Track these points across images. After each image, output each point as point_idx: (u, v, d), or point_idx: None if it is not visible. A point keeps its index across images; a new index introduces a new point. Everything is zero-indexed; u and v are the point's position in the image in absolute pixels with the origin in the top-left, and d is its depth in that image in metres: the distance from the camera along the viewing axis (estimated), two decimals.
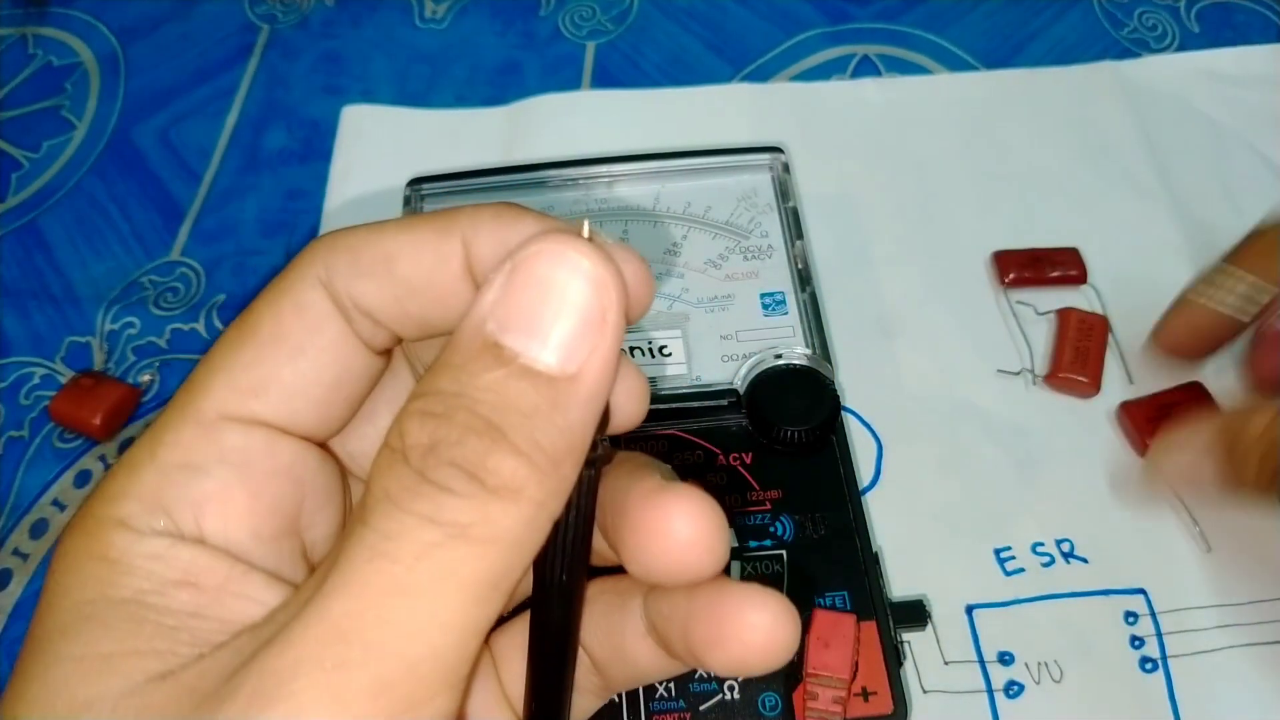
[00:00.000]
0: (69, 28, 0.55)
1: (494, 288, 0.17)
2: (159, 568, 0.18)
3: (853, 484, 0.35)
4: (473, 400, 0.16)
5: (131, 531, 0.18)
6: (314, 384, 0.19)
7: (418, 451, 0.16)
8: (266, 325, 0.19)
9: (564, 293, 0.17)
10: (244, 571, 0.18)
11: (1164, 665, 0.33)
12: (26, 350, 0.44)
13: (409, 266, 0.19)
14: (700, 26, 0.52)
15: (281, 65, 0.53)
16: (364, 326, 0.20)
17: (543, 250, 0.17)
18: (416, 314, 0.20)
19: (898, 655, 0.32)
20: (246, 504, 0.19)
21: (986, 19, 0.51)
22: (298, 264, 0.20)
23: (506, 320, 0.17)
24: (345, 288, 0.19)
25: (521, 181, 0.43)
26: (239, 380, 0.19)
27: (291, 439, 0.19)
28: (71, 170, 0.50)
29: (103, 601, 0.17)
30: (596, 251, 0.17)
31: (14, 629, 0.37)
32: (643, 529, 0.19)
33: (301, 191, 0.48)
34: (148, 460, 0.19)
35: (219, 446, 0.19)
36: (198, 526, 0.18)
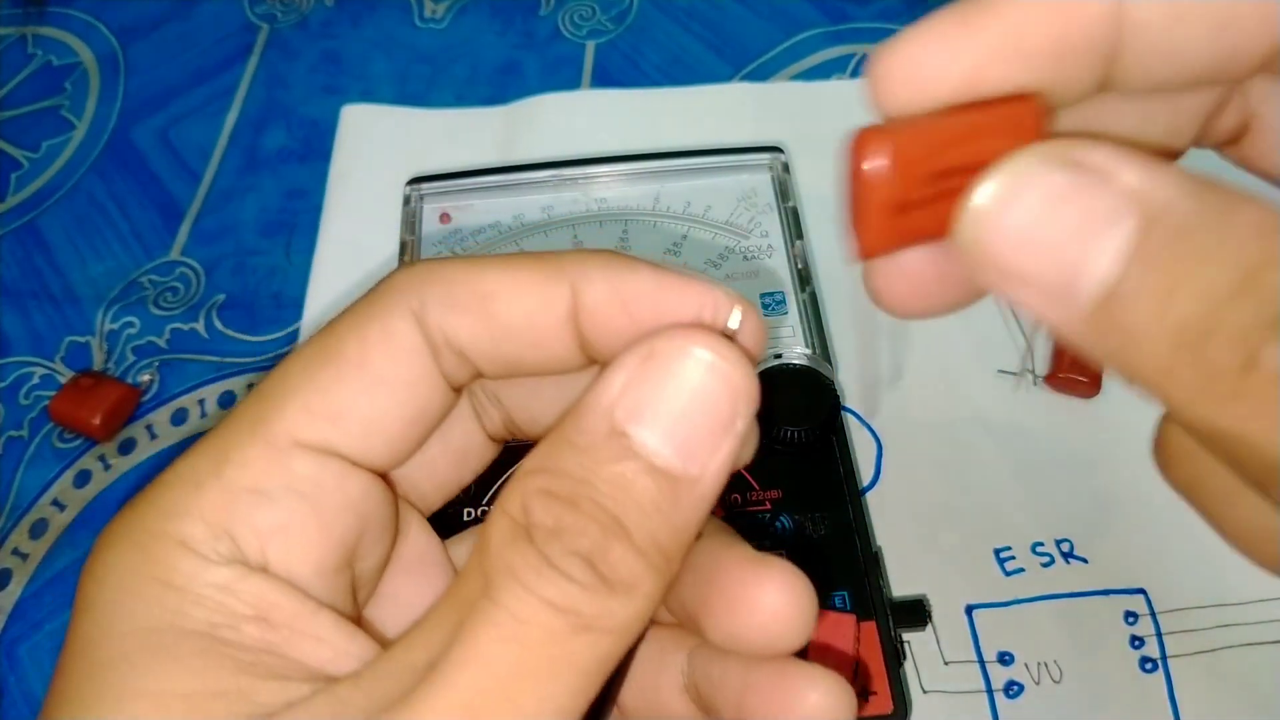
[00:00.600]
0: (69, 28, 0.55)
1: (624, 371, 0.17)
2: (229, 600, 0.17)
3: (853, 484, 0.35)
4: (597, 490, 0.16)
5: (195, 556, 0.17)
6: (392, 417, 0.19)
7: (541, 533, 0.16)
8: (351, 350, 0.18)
9: (699, 395, 0.17)
10: (313, 610, 0.18)
11: (1164, 665, 0.33)
12: (26, 350, 0.44)
13: (510, 307, 0.19)
14: (700, 26, 0.52)
15: (281, 65, 0.53)
16: (449, 362, 0.19)
17: (684, 347, 0.17)
18: (510, 355, 0.19)
19: (898, 655, 0.32)
20: (314, 537, 0.18)
21: None
22: (389, 290, 0.19)
23: (636, 411, 0.17)
24: (439, 321, 0.19)
25: (521, 181, 0.43)
26: (316, 405, 0.18)
27: (360, 471, 0.19)
28: (71, 170, 0.50)
29: (172, 632, 0.16)
30: (737, 355, 0.17)
31: (13, 629, 0.37)
32: (734, 599, 0.19)
33: (301, 191, 0.48)
34: (212, 477, 0.18)
35: (289, 473, 0.18)
36: (263, 555, 0.18)
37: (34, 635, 0.37)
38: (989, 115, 0.16)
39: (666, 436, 0.17)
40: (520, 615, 0.16)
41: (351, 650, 0.18)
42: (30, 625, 0.37)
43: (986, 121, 0.16)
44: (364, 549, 0.19)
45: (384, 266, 0.42)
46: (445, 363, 0.19)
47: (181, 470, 0.18)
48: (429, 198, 0.43)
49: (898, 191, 0.16)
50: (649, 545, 0.16)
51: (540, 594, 0.16)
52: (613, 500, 0.16)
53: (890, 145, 0.15)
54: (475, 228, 0.42)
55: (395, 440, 0.19)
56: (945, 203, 0.15)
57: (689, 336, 0.17)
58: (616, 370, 0.17)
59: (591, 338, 0.19)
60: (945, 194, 0.15)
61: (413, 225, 0.42)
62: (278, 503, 0.18)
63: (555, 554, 0.16)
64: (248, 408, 0.18)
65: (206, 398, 0.42)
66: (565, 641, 0.16)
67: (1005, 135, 0.15)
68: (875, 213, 0.16)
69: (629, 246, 0.41)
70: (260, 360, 0.43)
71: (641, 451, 0.17)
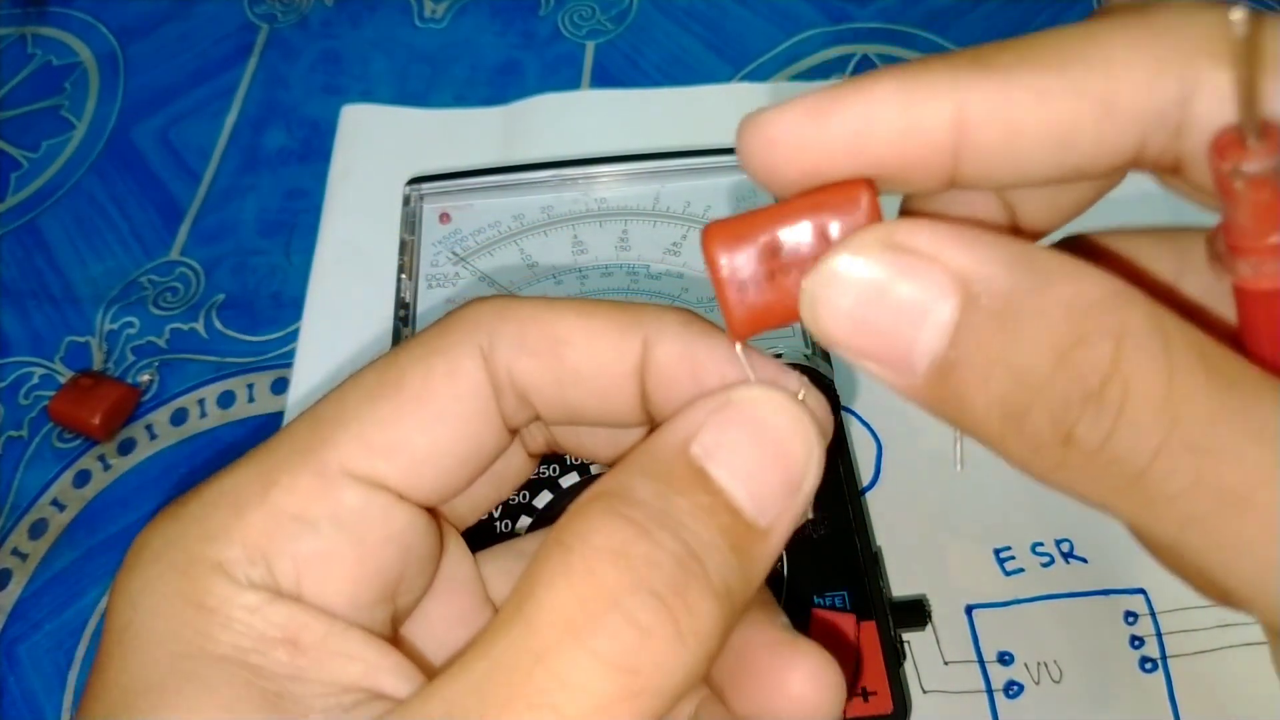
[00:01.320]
0: (68, 28, 0.55)
1: (702, 411, 0.17)
2: (258, 623, 0.16)
3: (853, 484, 0.35)
4: (677, 522, 0.16)
5: (230, 579, 0.17)
6: (446, 454, 0.18)
7: (604, 558, 0.15)
8: (413, 383, 0.18)
9: (778, 445, 0.17)
10: (343, 628, 0.17)
11: (1164, 665, 0.33)
12: (26, 350, 0.44)
13: (581, 353, 0.18)
14: (700, 26, 0.52)
15: (281, 65, 0.53)
16: (510, 403, 0.19)
17: (768, 398, 0.17)
18: (573, 402, 0.19)
19: (898, 655, 0.32)
20: (352, 569, 0.17)
21: (986, 19, 0.51)
22: (460, 324, 0.19)
23: (715, 450, 0.17)
24: (508, 362, 0.18)
25: (521, 181, 0.43)
26: (372, 437, 0.18)
27: (407, 505, 0.18)
28: (71, 170, 0.50)
29: (202, 658, 0.16)
30: (814, 420, 0.17)
31: (13, 629, 0.37)
32: (761, 679, 0.19)
33: (301, 191, 0.48)
34: (257, 501, 0.17)
35: (336, 504, 0.17)
36: (297, 584, 0.17)
37: (34, 635, 0.37)
38: (823, 198, 0.17)
39: (744, 481, 0.16)
40: (565, 678, 0.14)
41: (385, 665, 0.17)
42: (30, 625, 0.37)
43: (820, 204, 0.17)
44: (407, 583, 0.19)
45: (384, 266, 0.42)
46: (506, 404, 0.19)
47: (226, 488, 0.18)
48: (429, 198, 0.43)
49: (739, 272, 0.17)
50: (724, 590, 0.16)
51: (593, 648, 0.15)
52: (692, 533, 0.16)
53: (728, 232, 0.17)
54: (475, 228, 0.42)
55: (446, 476, 0.19)
56: (795, 277, 0.17)
57: (771, 390, 0.17)
58: (694, 410, 0.17)
59: (654, 395, 0.19)
60: (786, 270, 0.17)
61: (413, 225, 0.42)
62: (319, 532, 0.17)
63: (620, 586, 0.15)
64: (300, 431, 0.18)
65: (206, 398, 0.42)
66: (611, 711, 0.14)
67: (837, 216, 0.17)
68: (726, 291, 0.17)
69: (629, 246, 0.41)
70: (260, 360, 0.43)
71: (721, 490, 0.16)
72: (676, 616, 0.15)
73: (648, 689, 0.15)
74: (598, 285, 0.40)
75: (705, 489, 0.16)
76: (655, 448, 0.17)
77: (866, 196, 0.16)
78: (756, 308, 0.17)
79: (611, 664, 0.14)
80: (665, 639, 0.15)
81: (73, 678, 0.36)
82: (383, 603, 0.18)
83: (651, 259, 0.41)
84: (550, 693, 0.14)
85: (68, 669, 0.36)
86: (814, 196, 0.17)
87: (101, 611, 0.37)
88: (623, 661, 0.14)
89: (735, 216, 0.17)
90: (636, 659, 0.15)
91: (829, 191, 0.17)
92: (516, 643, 0.15)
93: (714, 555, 0.16)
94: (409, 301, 0.40)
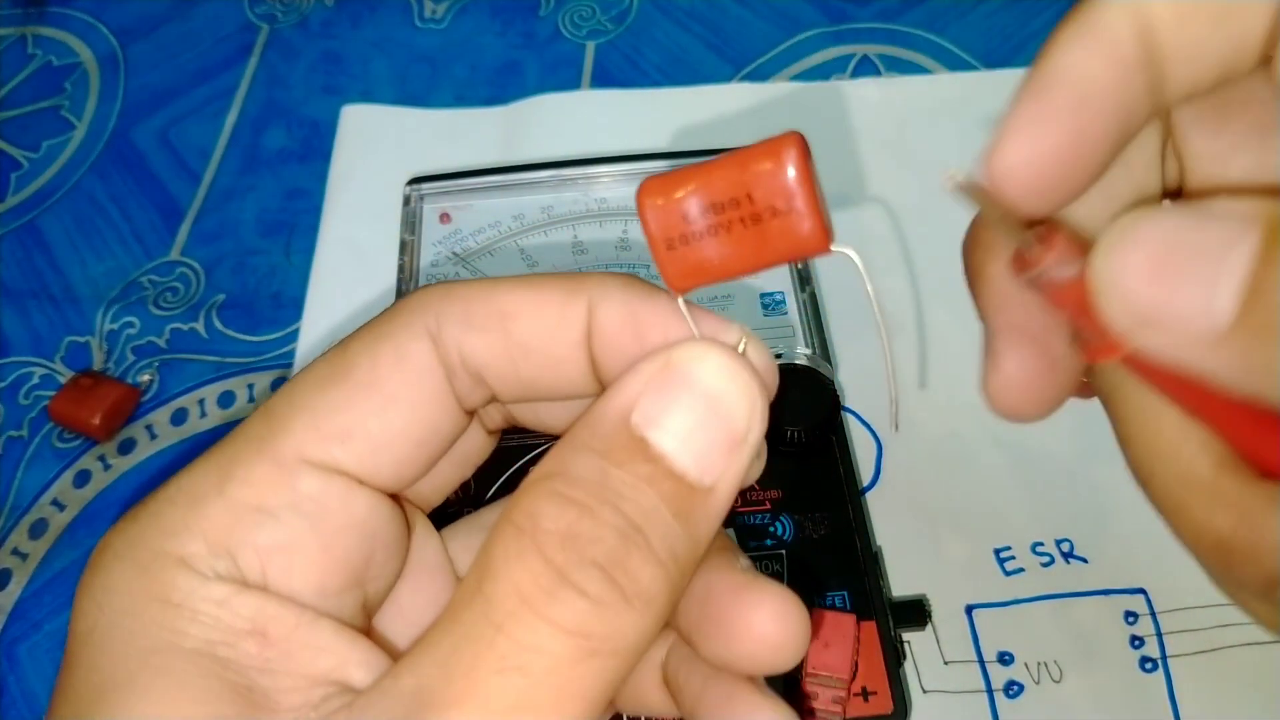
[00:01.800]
0: (69, 28, 0.55)
1: (640, 377, 0.17)
2: (225, 615, 0.16)
3: (853, 484, 0.35)
4: (617, 495, 0.16)
5: (194, 573, 0.17)
6: (401, 438, 0.18)
7: (553, 540, 0.16)
8: (362, 369, 0.18)
9: (717, 401, 0.17)
10: (312, 619, 0.17)
11: (1164, 665, 0.33)
12: (26, 350, 0.44)
13: (528, 325, 0.19)
14: (700, 26, 0.52)
15: (281, 65, 0.53)
16: (463, 383, 0.19)
17: (703, 354, 0.17)
18: (526, 376, 0.19)
19: (898, 655, 0.32)
20: (316, 557, 0.18)
21: (986, 19, 0.51)
22: (405, 309, 0.19)
23: (654, 416, 0.17)
24: (456, 341, 0.19)
25: (521, 181, 0.43)
26: (324, 424, 0.18)
27: (367, 491, 0.18)
28: (71, 170, 0.50)
29: (171, 652, 0.16)
30: (753, 371, 0.17)
31: (13, 629, 0.37)
32: (726, 622, 0.19)
33: (301, 191, 0.48)
34: (215, 495, 0.17)
35: (294, 492, 0.17)
36: (262, 574, 0.17)
37: (34, 635, 0.37)
38: (753, 151, 0.17)
39: (684, 443, 0.17)
40: (525, 642, 0.15)
41: (354, 656, 0.17)
42: (30, 625, 0.37)
43: (750, 157, 0.17)
44: (374, 569, 0.19)
45: (384, 266, 0.42)
46: (459, 384, 0.19)
47: (184, 485, 0.18)
48: (429, 198, 0.43)
49: (674, 225, 0.17)
50: (668, 557, 0.16)
51: (549, 617, 0.15)
52: (634, 507, 0.16)
53: (661, 186, 0.17)
54: (475, 228, 0.42)
55: (404, 461, 0.19)
56: (720, 237, 0.17)
57: (707, 347, 0.17)
58: (632, 377, 0.17)
59: (602, 360, 0.19)
60: (717, 228, 0.17)
61: (413, 225, 0.42)
62: (280, 521, 0.17)
63: (570, 565, 0.15)
64: (254, 424, 0.18)
65: (206, 398, 0.42)
66: (573, 668, 0.15)
67: (765, 159, 0.17)
68: (657, 245, 0.17)
69: (629, 246, 0.41)
70: (260, 360, 0.43)
71: (661, 456, 0.17)
72: (621, 584, 0.16)
73: (602, 650, 0.15)
74: None
75: (645, 457, 0.17)
76: (596, 420, 0.17)
77: (792, 146, 0.17)
78: (690, 261, 0.17)
79: (566, 629, 0.15)
80: (613, 605, 0.16)
81: None
82: (350, 590, 0.18)
83: (651, 259, 0.40)
84: (513, 656, 0.15)
85: None
86: (744, 151, 0.17)
87: None
88: (576, 627, 0.15)
89: (669, 172, 0.17)
90: (588, 625, 0.15)
91: (759, 146, 0.17)
92: (478, 618, 0.16)
93: (655, 523, 0.16)
94: None
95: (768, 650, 0.19)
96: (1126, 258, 0.15)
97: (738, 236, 0.17)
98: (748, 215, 0.17)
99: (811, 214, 0.17)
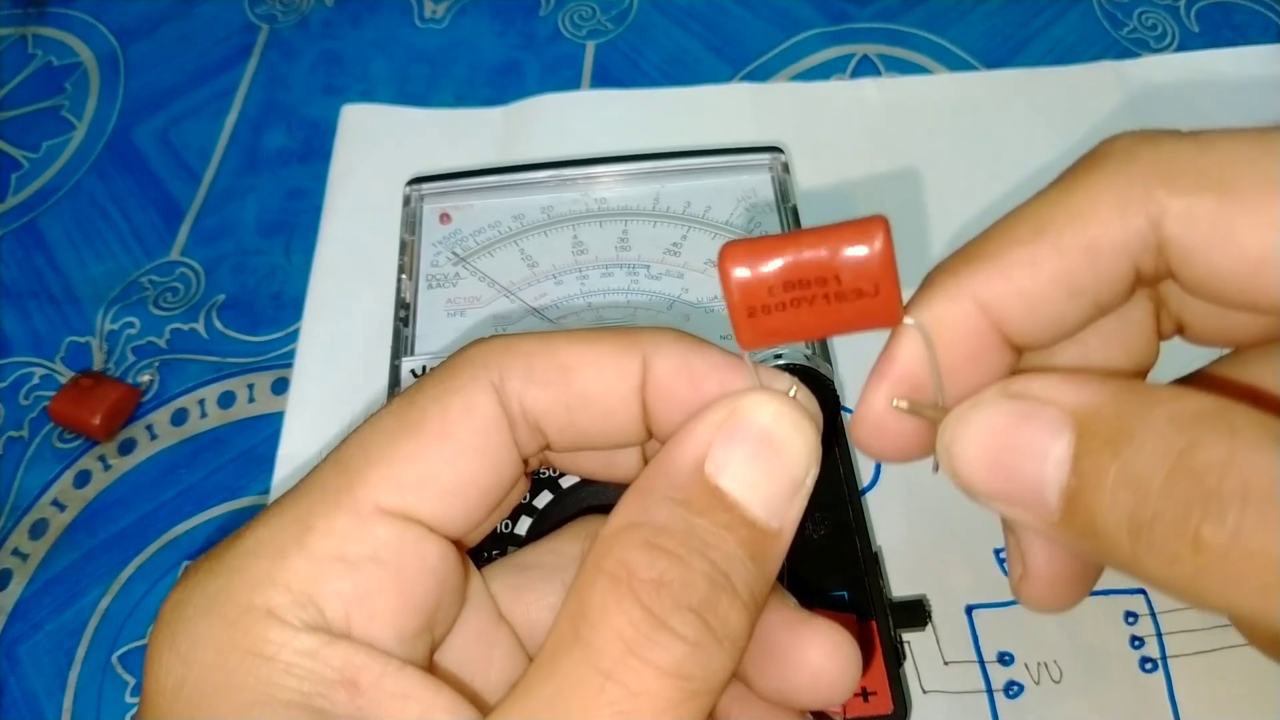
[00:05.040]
0: (69, 28, 0.56)
1: (709, 426, 0.18)
2: (317, 666, 0.17)
3: (853, 484, 0.35)
4: (704, 544, 0.17)
5: (283, 625, 0.17)
6: (471, 486, 0.19)
7: (648, 588, 0.17)
8: (433, 421, 0.19)
9: (781, 450, 0.18)
10: (397, 668, 0.18)
11: (1164, 665, 0.33)
12: (26, 350, 0.44)
13: (588, 377, 0.20)
14: (700, 26, 0.52)
15: (281, 65, 0.53)
16: (523, 434, 0.20)
17: (767, 405, 0.18)
18: (581, 425, 0.20)
19: (898, 655, 0.32)
20: (395, 604, 0.18)
21: (986, 19, 0.51)
22: (469, 363, 0.20)
23: (725, 464, 0.18)
24: (519, 394, 0.19)
25: (521, 181, 0.43)
26: (400, 474, 0.18)
27: (438, 538, 0.19)
28: (71, 170, 0.50)
29: (270, 705, 0.17)
30: (813, 419, 0.19)
31: (13, 629, 0.37)
32: (782, 658, 0.20)
33: (301, 191, 0.48)
34: (296, 547, 0.18)
35: (373, 541, 0.18)
36: (347, 623, 0.18)
37: (34, 635, 0.37)
38: (841, 230, 0.18)
39: (753, 489, 0.18)
40: (633, 688, 0.16)
41: (439, 703, 0.18)
42: (30, 625, 0.37)
43: (837, 235, 0.18)
44: (440, 614, 0.20)
45: (384, 266, 0.42)
46: (519, 435, 0.20)
47: (263, 538, 0.18)
48: (429, 198, 0.43)
49: (757, 297, 0.18)
50: (749, 597, 0.17)
51: (653, 661, 0.16)
52: (717, 552, 0.17)
53: (741, 254, 0.18)
54: (475, 228, 0.42)
55: (471, 507, 0.19)
56: (801, 308, 0.18)
57: (769, 396, 0.18)
58: (700, 426, 0.18)
59: (656, 408, 0.20)
60: (798, 301, 0.18)
61: (413, 225, 0.42)
62: (361, 570, 0.18)
63: (666, 610, 0.16)
64: (327, 475, 0.19)
65: (206, 398, 0.42)
66: (677, 710, 0.16)
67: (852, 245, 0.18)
68: (739, 312, 0.18)
69: (629, 246, 0.41)
70: (260, 360, 0.43)
71: (735, 504, 0.18)
72: (713, 626, 0.17)
73: (701, 690, 0.16)
74: (598, 285, 0.40)
75: (723, 506, 0.18)
76: (671, 470, 0.18)
77: (881, 232, 0.17)
78: (766, 327, 0.18)
79: (668, 673, 0.16)
80: (707, 646, 0.17)
81: (73, 678, 0.36)
82: (423, 635, 0.19)
83: (651, 259, 0.41)
84: (623, 701, 0.16)
85: (68, 669, 0.36)
86: (832, 228, 0.18)
87: (102, 612, 0.37)
88: (677, 670, 0.16)
89: (754, 240, 0.18)
90: (688, 667, 0.16)
91: (847, 225, 0.18)
92: (580, 664, 0.16)
93: (737, 567, 0.17)
94: (409, 301, 0.40)
95: (822, 684, 0.20)
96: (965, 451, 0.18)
97: (819, 310, 0.18)
98: (833, 294, 0.18)
99: (895, 298, 0.18)
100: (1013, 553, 0.22)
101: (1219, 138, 0.18)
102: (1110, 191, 0.18)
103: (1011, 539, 0.22)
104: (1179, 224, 0.17)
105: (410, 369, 0.37)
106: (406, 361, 0.38)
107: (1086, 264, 0.18)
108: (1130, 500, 0.15)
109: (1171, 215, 0.17)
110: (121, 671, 0.36)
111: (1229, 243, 0.17)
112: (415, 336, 0.39)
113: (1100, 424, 0.16)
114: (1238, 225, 0.17)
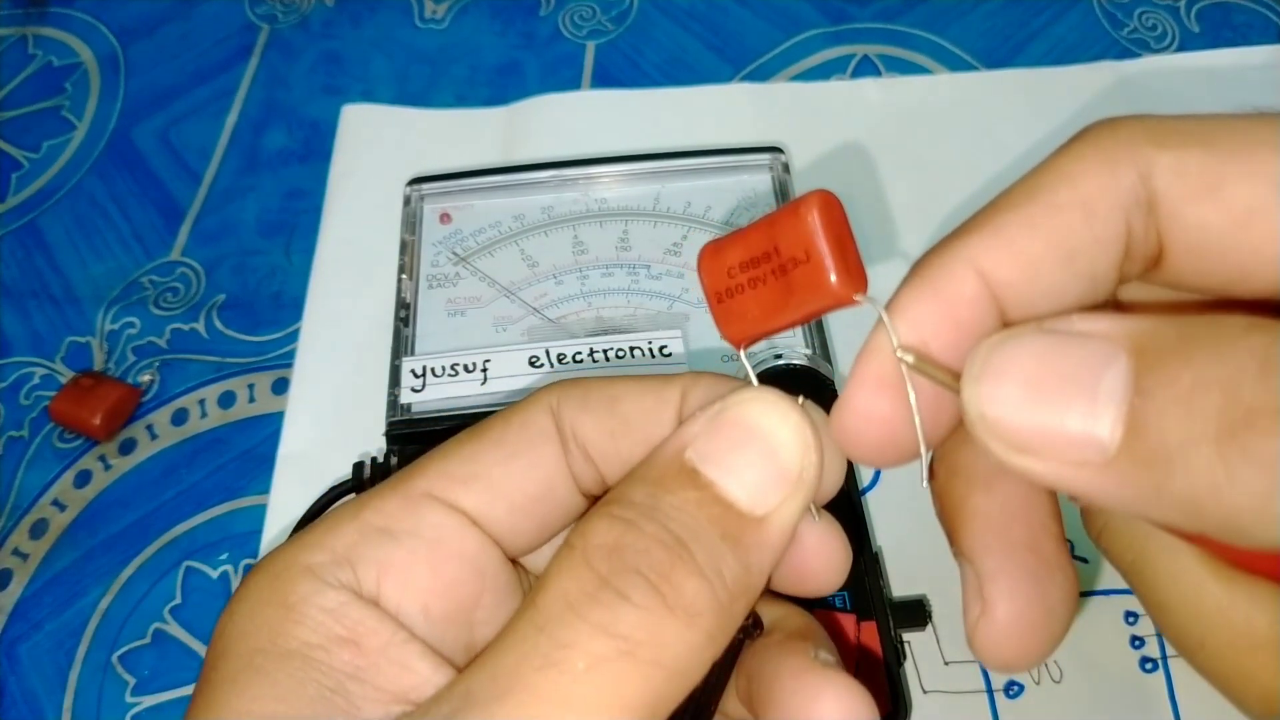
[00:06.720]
0: (69, 28, 0.56)
1: (699, 420, 0.19)
2: (329, 622, 0.18)
3: (853, 484, 0.35)
4: (665, 515, 0.17)
5: (316, 580, 0.19)
6: (518, 489, 0.20)
7: (601, 552, 0.17)
8: (493, 431, 0.21)
9: (768, 439, 0.18)
10: (405, 639, 0.19)
11: (1164, 665, 0.33)
12: (26, 350, 0.44)
13: (631, 405, 0.21)
14: (700, 26, 0.52)
15: (281, 65, 0.53)
16: (577, 460, 0.21)
17: (756, 397, 0.19)
18: (624, 451, 0.21)
19: (898, 655, 0.32)
20: (426, 578, 0.19)
21: (986, 19, 0.51)
22: (536, 394, 0.22)
23: (708, 452, 0.18)
24: (571, 417, 0.21)
25: (521, 181, 0.43)
26: (453, 469, 0.20)
27: (480, 532, 0.20)
28: (71, 170, 0.50)
29: (271, 652, 0.18)
30: (806, 414, 0.18)
31: (13, 629, 0.37)
32: (787, 706, 0.19)
33: (301, 191, 0.48)
34: (350, 519, 0.20)
35: (417, 520, 0.20)
36: (377, 587, 0.19)
37: (34, 635, 0.37)
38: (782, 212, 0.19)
39: (733, 473, 0.18)
40: (562, 640, 0.16)
41: (435, 679, 0.18)
42: (30, 625, 0.37)
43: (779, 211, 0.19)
44: (485, 613, 0.20)
45: (384, 266, 0.42)
46: (573, 459, 0.21)
47: (329, 515, 0.20)
48: (429, 198, 0.43)
49: (720, 280, 0.19)
50: (713, 573, 0.17)
51: (590, 618, 0.16)
52: (680, 525, 0.17)
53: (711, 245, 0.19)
54: (475, 228, 0.42)
55: (519, 512, 0.21)
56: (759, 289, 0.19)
57: (759, 391, 0.19)
58: (690, 422, 0.19)
59: None
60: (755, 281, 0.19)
61: (413, 225, 0.42)
62: (399, 542, 0.19)
63: (614, 572, 0.16)
64: (398, 473, 0.21)
65: (207, 398, 0.42)
66: (611, 670, 0.16)
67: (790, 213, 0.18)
68: (710, 298, 0.19)
69: (629, 246, 0.41)
70: (260, 360, 0.43)
71: (710, 484, 0.18)
72: (664, 593, 0.16)
73: (642, 655, 0.16)
74: (598, 285, 0.40)
75: (694, 484, 0.18)
76: (654, 457, 0.19)
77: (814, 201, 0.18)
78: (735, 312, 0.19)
79: (605, 631, 0.16)
80: (654, 611, 0.16)
81: (73, 678, 0.36)
82: (454, 623, 0.20)
83: (652, 259, 0.41)
84: (552, 653, 0.16)
85: (68, 669, 0.36)
86: (778, 212, 0.19)
87: (102, 612, 0.37)
88: (615, 630, 0.16)
89: (722, 237, 0.19)
90: (628, 629, 0.16)
91: (788, 206, 0.18)
92: (525, 624, 0.17)
93: (701, 539, 0.17)
94: (409, 301, 0.40)
95: None
96: (998, 386, 0.16)
97: (771, 288, 0.18)
98: (777, 266, 0.18)
99: (831, 264, 0.18)
100: (969, 588, 0.20)
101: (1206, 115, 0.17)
102: (1098, 152, 0.17)
103: (969, 571, 0.20)
104: (1168, 175, 0.17)
105: (410, 369, 0.37)
106: (406, 361, 0.38)
107: (1082, 220, 0.17)
108: (1219, 399, 0.13)
109: (1160, 167, 0.17)
110: (122, 671, 0.36)
111: (1219, 193, 0.16)
112: (415, 336, 0.39)
113: (1161, 341, 0.14)
114: (1227, 174, 0.16)
